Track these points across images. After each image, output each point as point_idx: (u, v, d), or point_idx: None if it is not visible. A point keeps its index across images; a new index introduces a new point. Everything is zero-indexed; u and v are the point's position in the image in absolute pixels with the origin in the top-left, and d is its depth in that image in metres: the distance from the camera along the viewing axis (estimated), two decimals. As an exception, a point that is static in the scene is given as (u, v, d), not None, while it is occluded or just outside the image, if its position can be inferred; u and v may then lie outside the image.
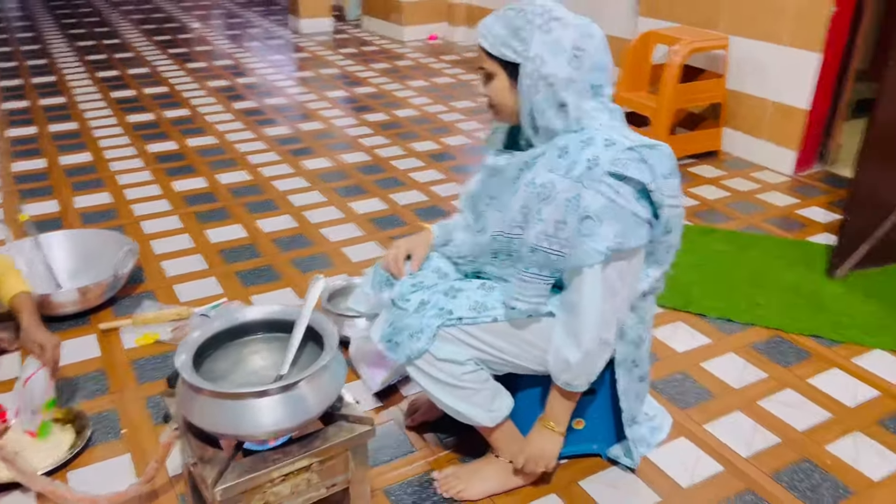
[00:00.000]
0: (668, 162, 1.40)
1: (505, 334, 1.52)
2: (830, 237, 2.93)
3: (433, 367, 1.51)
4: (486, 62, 1.44)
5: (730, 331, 2.33)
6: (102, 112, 4.44)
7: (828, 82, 3.45)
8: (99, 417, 1.92)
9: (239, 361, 1.48)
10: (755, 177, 3.57)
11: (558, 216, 1.40)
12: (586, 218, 1.37)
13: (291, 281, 2.59)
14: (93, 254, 2.51)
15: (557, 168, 1.40)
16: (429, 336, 1.49)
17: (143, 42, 6.43)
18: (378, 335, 1.57)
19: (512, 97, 1.44)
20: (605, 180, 1.36)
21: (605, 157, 1.36)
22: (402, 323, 1.52)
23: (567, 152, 1.40)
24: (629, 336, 1.57)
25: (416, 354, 1.50)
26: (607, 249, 1.38)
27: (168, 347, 2.21)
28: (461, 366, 1.52)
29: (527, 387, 1.66)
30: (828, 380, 2.10)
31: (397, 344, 1.52)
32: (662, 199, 1.40)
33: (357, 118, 4.43)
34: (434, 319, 1.50)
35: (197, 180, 3.46)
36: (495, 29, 1.41)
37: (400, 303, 1.55)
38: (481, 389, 1.55)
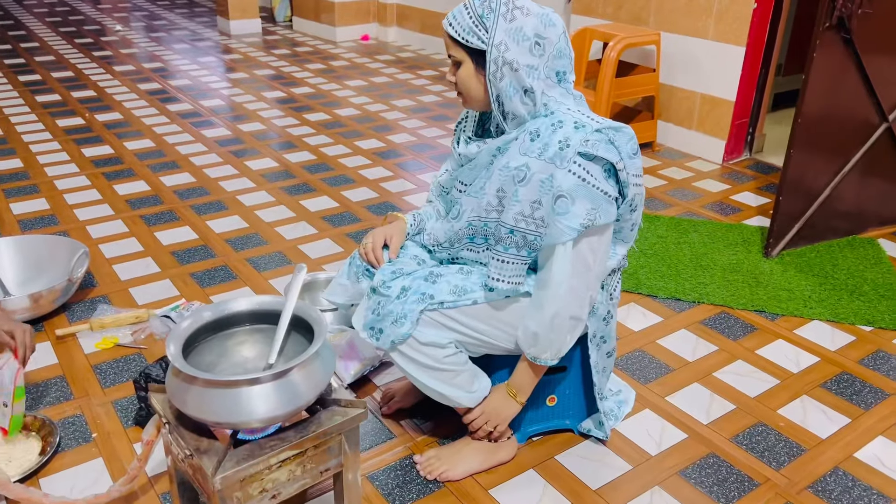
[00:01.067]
0: (632, 143, 1.49)
1: (485, 316, 1.58)
2: (762, 219, 3.12)
3: (416, 352, 1.55)
4: (452, 49, 1.49)
5: (679, 309, 2.45)
6: (28, 117, 4.26)
7: (752, 75, 3.66)
8: (65, 423, 1.87)
9: (224, 353, 1.48)
10: (689, 166, 3.75)
11: (533, 196, 1.47)
12: (560, 197, 1.44)
13: (249, 279, 2.57)
14: (41, 260, 2.43)
15: (531, 151, 1.47)
16: (412, 321, 1.53)
17: (64, 45, 6.20)
18: (361, 324, 1.59)
19: (478, 84, 1.49)
20: (576, 160, 1.43)
21: (576, 139, 1.43)
22: (384, 309, 1.55)
23: (539, 135, 1.47)
24: (599, 312, 1.65)
25: (401, 339, 1.54)
26: (580, 226, 1.45)
27: (129, 351, 2.16)
28: (443, 349, 1.56)
29: (501, 368, 1.72)
30: (773, 350, 2.24)
31: (381, 331, 1.55)
32: (628, 177, 1.48)
33: (297, 118, 4.41)
34: (416, 304, 1.54)
35: (138, 183, 3.37)
36: (461, 17, 1.46)
37: (382, 289, 1.58)
38: (462, 371, 1.61)
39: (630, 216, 1.58)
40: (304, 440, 1.35)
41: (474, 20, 1.45)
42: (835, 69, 2.61)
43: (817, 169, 2.79)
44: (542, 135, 1.46)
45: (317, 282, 2.33)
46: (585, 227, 1.45)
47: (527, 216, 1.49)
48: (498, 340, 1.61)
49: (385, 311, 1.55)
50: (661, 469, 1.76)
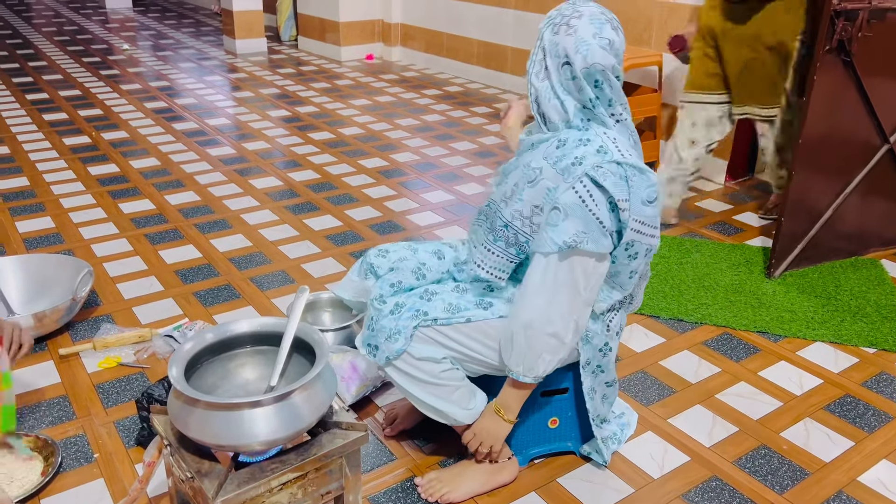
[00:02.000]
0: (650, 190, 1.46)
1: (477, 335, 1.59)
2: (765, 240, 3.12)
3: (412, 367, 1.57)
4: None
5: (682, 329, 2.45)
6: (35, 136, 4.30)
7: (754, 96, 3.67)
8: (68, 443, 1.87)
9: (226, 375, 1.49)
10: (692, 186, 3.75)
11: (537, 201, 1.50)
12: (555, 209, 1.46)
13: (253, 299, 2.58)
14: (46, 279, 2.44)
15: (550, 156, 1.50)
16: (406, 336, 1.55)
17: (71, 63, 6.26)
18: (359, 341, 1.63)
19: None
20: (582, 180, 1.43)
21: (590, 161, 1.43)
22: (378, 325, 1.58)
23: (564, 144, 1.49)
24: (594, 342, 1.65)
25: (395, 355, 1.55)
26: (563, 243, 1.44)
27: (132, 370, 2.17)
28: (438, 364, 1.57)
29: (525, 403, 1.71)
30: (776, 371, 2.24)
31: (376, 347, 1.58)
32: (628, 220, 1.45)
33: (302, 136, 4.44)
34: (409, 321, 1.56)
35: (143, 202, 3.40)
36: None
37: (377, 304, 1.62)
38: (458, 387, 1.61)
39: (627, 262, 1.53)
40: (305, 463, 1.36)
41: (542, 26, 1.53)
42: (836, 91, 2.63)
43: (819, 190, 2.79)
44: (566, 145, 1.49)
45: (319, 301, 2.34)
46: (569, 246, 1.44)
47: (524, 216, 1.52)
48: (491, 360, 1.62)
49: (378, 327, 1.58)
50: (664, 492, 1.76)
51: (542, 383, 1.72)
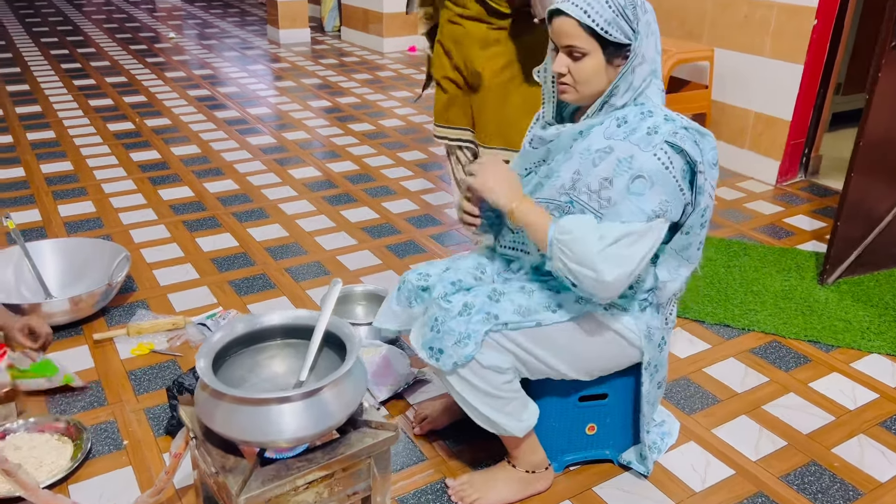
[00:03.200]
0: (714, 152, 1.44)
1: (546, 342, 1.51)
2: (817, 245, 2.99)
3: (475, 376, 1.47)
4: (581, 40, 1.38)
5: (728, 336, 2.35)
6: (81, 121, 4.35)
7: (809, 94, 3.53)
8: (98, 429, 1.86)
9: (255, 367, 1.45)
10: (741, 186, 3.63)
11: (606, 174, 1.41)
12: (639, 177, 1.39)
13: (287, 289, 2.55)
14: (84, 263, 2.45)
15: (616, 135, 1.43)
16: (476, 342, 1.45)
17: (119, 51, 6.34)
18: (419, 342, 1.51)
19: (604, 76, 1.42)
20: (662, 146, 1.38)
21: (665, 128, 1.40)
22: (445, 327, 1.47)
23: (626, 122, 1.43)
24: (655, 338, 1.57)
25: (464, 361, 1.45)
26: (651, 211, 1.39)
27: (164, 357, 2.16)
28: (502, 374, 1.49)
29: (547, 395, 1.65)
30: (828, 383, 2.12)
31: (441, 351, 1.46)
32: (705, 184, 1.43)
33: (342, 128, 4.41)
34: (480, 325, 1.46)
35: (182, 189, 3.40)
36: (598, 6, 1.36)
37: (442, 303, 1.51)
38: (514, 399, 1.53)
39: (699, 231, 1.50)
40: (332, 462, 1.31)
41: (616, 10, 1.36)
42: (901, 90, 2.49)
43: (879, 193, 2.65)
44: (629, 121, 1.43)
45: (353, 294, 2.30)
46: (656, 215, 1.39)
47: (592, 191, 1.43)
48: (558, 367, 1.54)
49: (446, 329, 1.46)
50: (706, 507, 1.67)
51: (579, 388, 1.66)
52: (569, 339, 1.52)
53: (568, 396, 1.68)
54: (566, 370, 1.55)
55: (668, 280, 1.55)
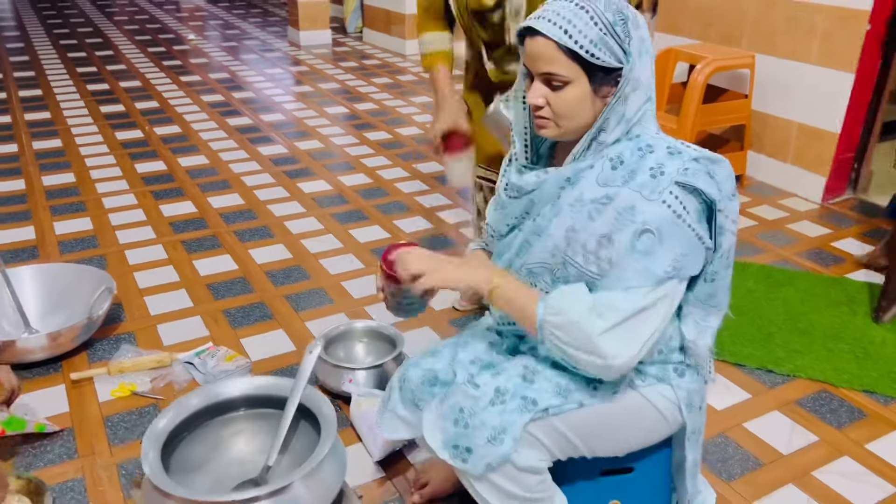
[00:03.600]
0: (730, 180, 1.19)
1: (590, 422, 1.27)
2: (869, 273, 2.71)
3: (508, 480, 1.23)
4: (562, 66, 1.14)
5: (771, 383, 2.10)
6: (89, 129, 4.21)
7: (860, 104, 3.24)
8: (63, 488, 1.68)
9: (218, 445, 1.25)
10: (783, 204, 3.35)
11: (605, 229, 1.17)
12: (645, 232, 1.14)
13: (284, 321, 2.36)
14: (67, 291, 2.28)
15: (612, 180, 1.18)
16: (514, 437, 1.20)
17: (137, 53, 6.22)
18: (438, 441, 1.25)
19: (590, 107, 1.18)
20: (671, 190, 1.14)
21: (672, 166, 1.15)
22: (476, 420, 1.22)
23: (622, 162, 1.18)
24: (695, 403, 1.34)
25: (499, 462, 1.21)
26: (664, 273, 1.15)
27: (146, 401, 1.97)
28: (538, 475, 1.26)
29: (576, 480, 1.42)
30: (888, 445, 1.87)
31: (469, 450, 1.21)
32: (726, 222, 1.18)
33: (358, 136, 4.21)
34: (518, 414, 1.21)
35: (185, 204, 3.23)
36: (582, 24, 1.12)
37: (469, 388, 1.25)
38: (543, 498, 1.30)
39: (725, 273, 1.25)
40: (301, 568, 1.10)
41: (603, 28, 1.12)
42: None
43: (942, 220, 2.38)
44: (626, 161, 1.17)
45: (353, 331, 2.10)
46: (669, 276, 1.15)
47: (589, 251, 1.18)
48: (599, 449, 1.32)
49: (476, 423, 1.21)
50: None
51: (602, 460, 1.43)
52: (611, 419, 1.30)
53: (587, 469, 1.45)
54: (606, 451, 1.33)
55: (696, 337, 1.31)
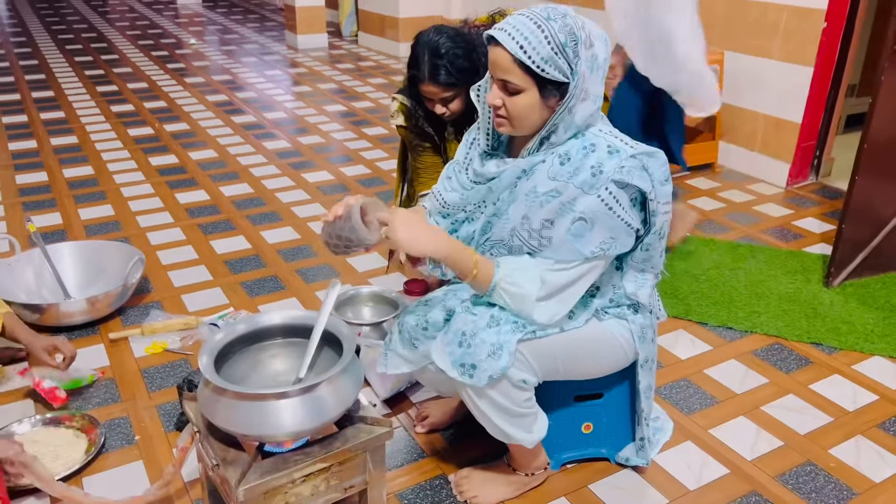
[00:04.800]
0: (664, 168, 1.43)
1: (569, 345, 1.52)
2: (826, 247, 2.99)
3: (502, 396, 1.46)
4: (515, 76, 1.33)
5: (730, 338, 2.37)
6: (102, 126, 4.46)
7: (820, 96, 3.53)
8: (111, 424, 1.93)
9: (257, 365, 1.51)
10: (750, 189, 3.64)
11: (548, 216, 1.41)
12: (579, 219, 1.38)
13: (297, 291, 2.61)
14: (101, 264, 2.53)
15: (560, 175, 1.40)
16: (509, 352, 1.42)
17: (141, 57, 6.47)
18: (447, 362, 1.45)
19: (539, 113, 1.37)
20: (607, 187, 1.37)
21: (610, 165, 1.37)
22: (476, 339, 1.43)
23: (569, 159, 1.40)
24: (647, 336, 1.60)
25: (499, 373, 1.41)
26: (590, 253, 1.41)
27: (177, 356, 2.23)
28: (525, 391, 1.49)
29: (543, 394, 1.68)
30: (828, 385, 2.14)
31: (473, 366, 1.42)
32: (658, 206, 1.43)
33: (356, 132, 4.48)
34: (511, 334, 1.43)
35: (199, 193, 3.48)
36: (536, 43, 1.30)
37: (469, 314, 1.47)
38: (530, 413, 1.54)
39: (658, 244, 1.53)
40: (328, 456, 1.36)
41: (555, 48, 1.30)
42: (905, 92, 2.49)
43: (885, 195, 2.66)
44: (572, 158, 1.39)
45: (360, 295, 2.35)
46: (595, 256, 1.42)
47: (534, 229, 1.42)
48: (576, 371, 1.58)
49: (476, 342, 1.42)
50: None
51: (574, 387, 1.70)
52: (583, 343, 1.55)
53: (563, 395, 1.72)
54: (581, 374, 1.59)
55: (635, 290, 1.57)
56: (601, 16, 2.70)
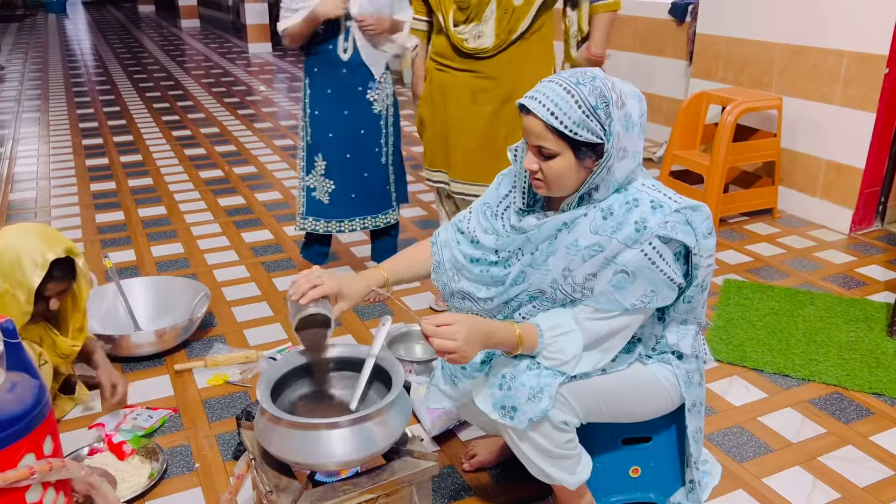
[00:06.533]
0: (707, 222, 1.44)
1: (611, 388, 1.54)
2: (890, 296, 2.91)
3: (543, 437, 1.48)
4: (549, 141, 1.36)
5: (786, 386, 2.33)
6: (176, 168, 4.71)
7: (884, 142, 3.47)
8: (174, 452, 2.03)
9: (311, 396, 1.57)
10: (811, 235, 3.57)
11: (591, 270, 1.44)
12: (621, 272, 1.41)
13: (351, 328, 2.69)
14: (169, 299, 2.67)
15: (603, 230, 1.41)
16: (550, 395, 1.44)
17: (213, 103, 6.81)
18: (489, 405, 1.48)
19: (577, 175, 1.40)
20: (651, 242, 1.39)
21: (654, 220, 1.38)
22: (516, 382, 1.45)
23: (612, 213, 1.41)
24: (694, 381, 1.61)
25: (540, 416, 1.44)
26: (631, 305, 1.43)
27: (237, 388, 2.32)
28: (567, 433, 1.51)
29: (590, 436, 1.69)
30: (890, 437, 2.07)
31: (514, 409, 1.45)
32: (701, 260, 1.45)
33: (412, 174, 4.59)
34: (552, 377, 1.46)
35: (263, 232, 3.63)
36: (567, 108, 1.33)
37: (509, 359, 1.51)
38: (572, 455, 1.56)
39: (701, 296, 1.54)
40: (375, 487, 1.41)
41: (586, 111, 1.33)
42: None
43: (952, 244, 2.58)
44: (615, 213, 1.41)
45: (412, 333, 2.41)
46: (636, 308, 1.44)
47: (577, 284, 1.45)
48: (619, 414, 1.60)
49: (517, 385, 1.45)
50: (750, 555, 1.67)
51: (622, 430, 1.70)
52: (626, 386, 1.56)
53: (610, 438, 1.73)
54: (626, 415, 1.60)
55: (677, 341, 1.58)
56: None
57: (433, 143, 2.61)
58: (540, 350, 1.48)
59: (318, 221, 2.95)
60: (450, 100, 2.47)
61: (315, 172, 2.90)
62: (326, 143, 2.88)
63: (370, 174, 2.94)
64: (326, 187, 2.90)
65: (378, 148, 2.93)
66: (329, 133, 2.87)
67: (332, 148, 2.88)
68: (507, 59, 2.37)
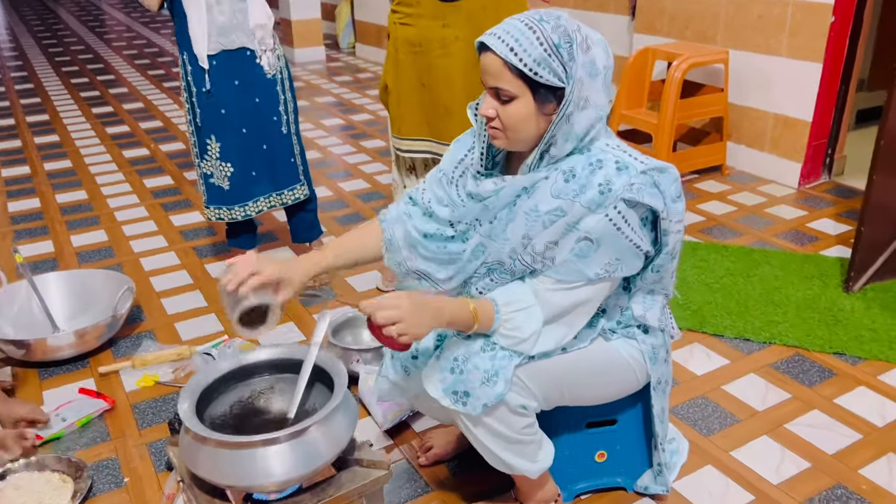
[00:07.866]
0: (676, 185, 1.33)
1: (571, 368, 1.43)
2: (843, 249, 2.88)
3: (499, 422, 1.38)
4: (507, 81, 1.23)
5: (748, 350, 2.26)
6: (97, 149, 4.39)
7: (830, 93, 3.42)
8: (100, 466, 1.84)
9: (243, 405, 1.41)
10: (761, 190, 3.52)
11: (554, 237, 1.31)
12: (584, 239, 1.29)
13: (294, 315, 2.52)
14: (90, 294, 2.45)
15: (565, 193, 1.29)
16: (506, 379, 1.33)
17: (137, 76, 6.42)
18: (439, 390, 1.36)
19: (535, 123, 1.27)
20: (616, 206, 1.27)
21: (619, 183, 1.26)
22: (469, 365, 1.34)
23: (574, 175, 1.29)
24: (660, 356, 1.50)
25: (494, 401, 1.33)
26: (594, 275, 1.32)
27: (169, 389, 2.13)
28: (526, 417, 1.41)
29: (554, 422, 1.58)
30: (854, 399, 2.02)
31: (467, 394, 1.33)
32: (670, 225, 1.34)
33: (354, 145, 4.39)
34: (507, 360, 1.35)
35: (194, 214, 3.40)
36: (527, 44, 1.20)
37: (461, 339, 1.39)
38: (532, 441, 1.45)
39: (670, 265, 1.42)
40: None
41: (548, 49, 1.20)
42: (923, 86, 2.38)
43: (904, 195, 2.54)
44: (577, 175, 1.29)
45: (359, 318, 2.26)
46: (600, 278, 1.32)
47: (537, 252, 1.32)
48: (580, 396, 1.49)
49: (470, 367, 1.34)
50: (724, 537, 1.59)
51: (586, 413, 1.59)
52: (587, 366, 1.45)
53: (574, 422, 1.62)
54: (589, 398, 1.49)
55: (643, 313, 1.47)
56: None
57: (402, 107, 2.38)
58: (496, 328, 1.35)
59: (222, 209, 2.63)
60: (419, 55, 2.27)
61: (210, 157, 2.57)
62: (219, 120, 2.52)
63: (270, 147, 2.61)
64: (225, 171, 2.58)
65: (276, 116, 2.60)
66: (221, 109, 2.52)
67: (226, 125, 2.53)
68: (480, 5, 2.17)
